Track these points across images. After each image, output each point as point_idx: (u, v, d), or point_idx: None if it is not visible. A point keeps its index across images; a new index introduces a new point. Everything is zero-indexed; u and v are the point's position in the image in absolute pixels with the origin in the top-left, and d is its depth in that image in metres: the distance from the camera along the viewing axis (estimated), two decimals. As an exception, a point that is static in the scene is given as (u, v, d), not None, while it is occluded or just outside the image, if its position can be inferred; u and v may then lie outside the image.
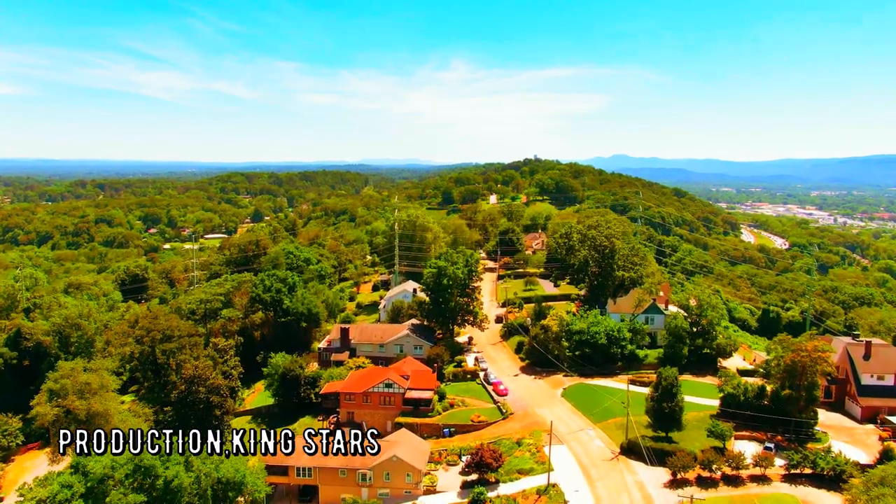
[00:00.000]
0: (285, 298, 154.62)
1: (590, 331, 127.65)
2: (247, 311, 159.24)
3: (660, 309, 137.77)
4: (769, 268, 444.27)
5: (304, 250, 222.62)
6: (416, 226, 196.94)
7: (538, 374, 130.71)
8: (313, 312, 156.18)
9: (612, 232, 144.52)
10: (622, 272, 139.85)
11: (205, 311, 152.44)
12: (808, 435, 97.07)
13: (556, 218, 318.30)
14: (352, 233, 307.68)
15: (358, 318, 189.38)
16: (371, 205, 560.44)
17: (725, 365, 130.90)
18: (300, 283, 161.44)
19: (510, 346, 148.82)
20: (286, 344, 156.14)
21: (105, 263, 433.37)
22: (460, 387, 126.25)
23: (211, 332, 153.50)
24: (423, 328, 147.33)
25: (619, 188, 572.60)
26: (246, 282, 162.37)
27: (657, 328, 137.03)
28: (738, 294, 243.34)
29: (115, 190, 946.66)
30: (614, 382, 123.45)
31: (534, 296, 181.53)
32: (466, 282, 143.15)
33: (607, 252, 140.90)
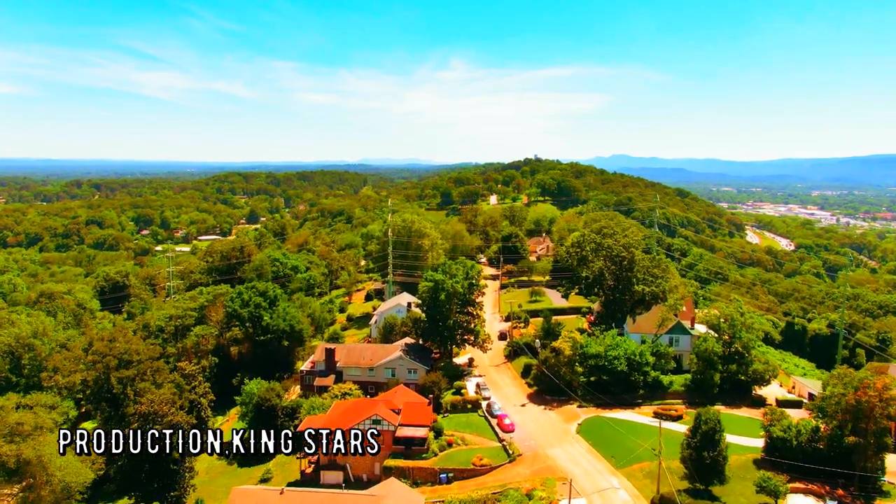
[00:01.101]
0: (265, 314, 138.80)
1: (607, 355, 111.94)
2: (222, 328, 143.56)
3: (685, 328, 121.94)
4: (777, 270, 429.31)
5: (291, 257, 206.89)
6: (412, 231, 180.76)
7: (548, 403, 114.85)
8: (296, 330, 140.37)
9: (630, 241, 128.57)
10: (642, 286, 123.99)
11: (175, 328, 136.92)
12: (875, 488, 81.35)
13: (560, 221, 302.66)
14: (345, 236, 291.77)
15: (347, 333, 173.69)
16: (368, 206, 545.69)
17: (762, 393, 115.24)
18: (282, 297, 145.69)
19: (516, 368, 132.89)
20: (266, 364, 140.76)
21: (92, 267, 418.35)
22: (460, 419, 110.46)
23: (182, 352, 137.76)
24: (418, 348, 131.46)
25: (622, 188, 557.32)
26: (222, 295, 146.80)
27: (683, 350, 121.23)
28: (757, 303, 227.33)
29: (112, 190, 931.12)
30: (637, 415, 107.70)
31: (541, 309, 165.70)
32: (467, 297, 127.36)
33: (625, 264, 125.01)
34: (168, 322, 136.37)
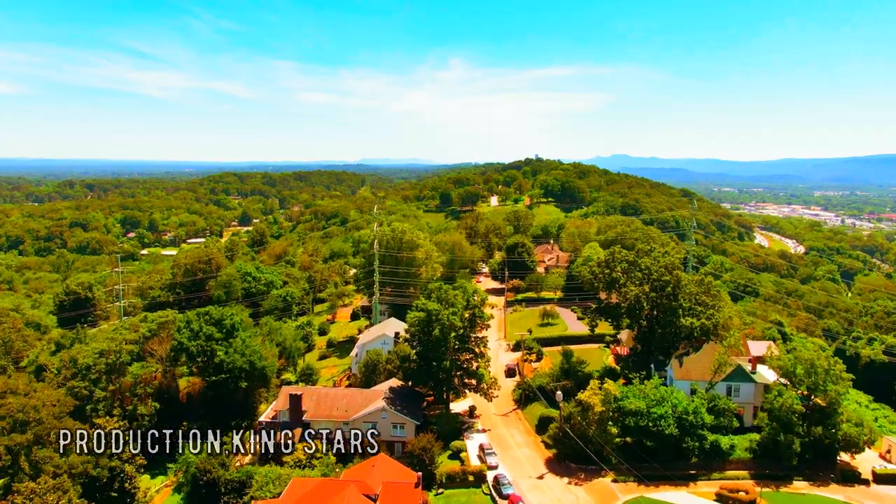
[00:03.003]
0: (219, 348, 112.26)
1: (651, 413, 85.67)
2: (168, 363, 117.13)
3: (747, 374, 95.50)
4: (791, 276, 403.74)
5: (266, 271, 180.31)
6: (403, 243, 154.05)
7: (573, 474, 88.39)
8: (258, 367, 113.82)
9: (673, 261, 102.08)
10: (690, 319, 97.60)
11: (107, 366, 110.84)
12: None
13: (569, 226, 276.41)
14: (334, 243, 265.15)
15: (326, 364, 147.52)
16: (364, 208, 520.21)
17: (852, 460, 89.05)
18: (244, 325, 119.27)
19: (528, 419, 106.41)
20: (221, 410, 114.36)
21: (70, 272, 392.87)
22: (459, 498, 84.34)
23: (115, 397, 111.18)
24: (406, 394, 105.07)
25: (628, 189, 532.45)
26: (168, 323, 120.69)
27: (744, 402, 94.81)
28: (794, 321, 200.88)
29: (105, 190, 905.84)
30: (692, 497, 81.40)
31: (555, 336, 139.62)
32: (467, 333, 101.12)
33: (668, 290, 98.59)
34: (97, 359, 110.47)
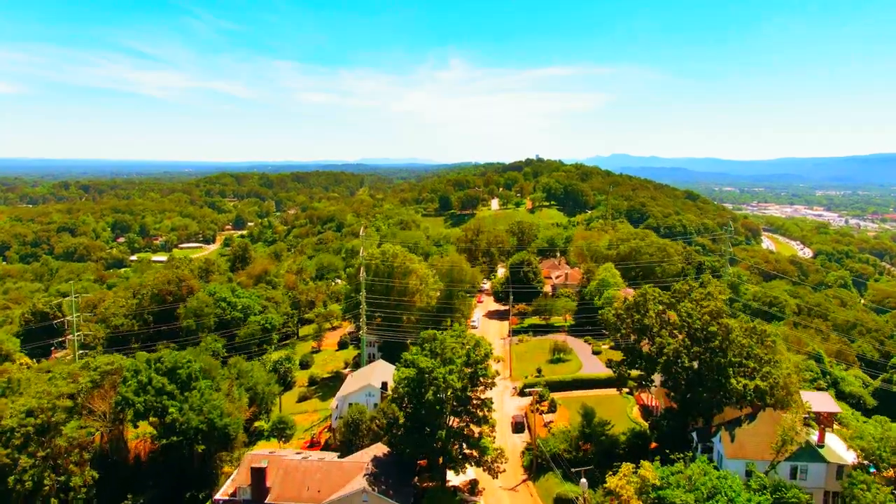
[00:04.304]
0: (171, 405, 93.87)
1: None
2: (109, 424, 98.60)
3: (817, 451, 76.90)
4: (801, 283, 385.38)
5: (243, 294, 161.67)
6: (395, 268, 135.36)
7: (602, 584, 70.17)
8: (218, 427, 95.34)
9: (720, 307, 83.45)
10: (743, 380, 79.17)
11: (35, 427, 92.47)
12: None
13: (577, 237, 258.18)
14: (324, 257, 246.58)
15: (305, 408, 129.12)
16: (361, 211, 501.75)
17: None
18: (199, 375, 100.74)
19: (541, 495, 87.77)
20: (176, 478, 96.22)
21: (53, 281, 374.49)
22: None
23: (45, 464, 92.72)
24: (394, 464, 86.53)
25: (632, 191, 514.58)
26: (115, 371, 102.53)
27: (813, 486, 76.32)
28: (827, 346, 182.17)
29: (100, 192, 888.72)
30: None
31: (569, 378, 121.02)
32: (468, 395, 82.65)
33: (715, 344, 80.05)
34: (23, 419, 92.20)
